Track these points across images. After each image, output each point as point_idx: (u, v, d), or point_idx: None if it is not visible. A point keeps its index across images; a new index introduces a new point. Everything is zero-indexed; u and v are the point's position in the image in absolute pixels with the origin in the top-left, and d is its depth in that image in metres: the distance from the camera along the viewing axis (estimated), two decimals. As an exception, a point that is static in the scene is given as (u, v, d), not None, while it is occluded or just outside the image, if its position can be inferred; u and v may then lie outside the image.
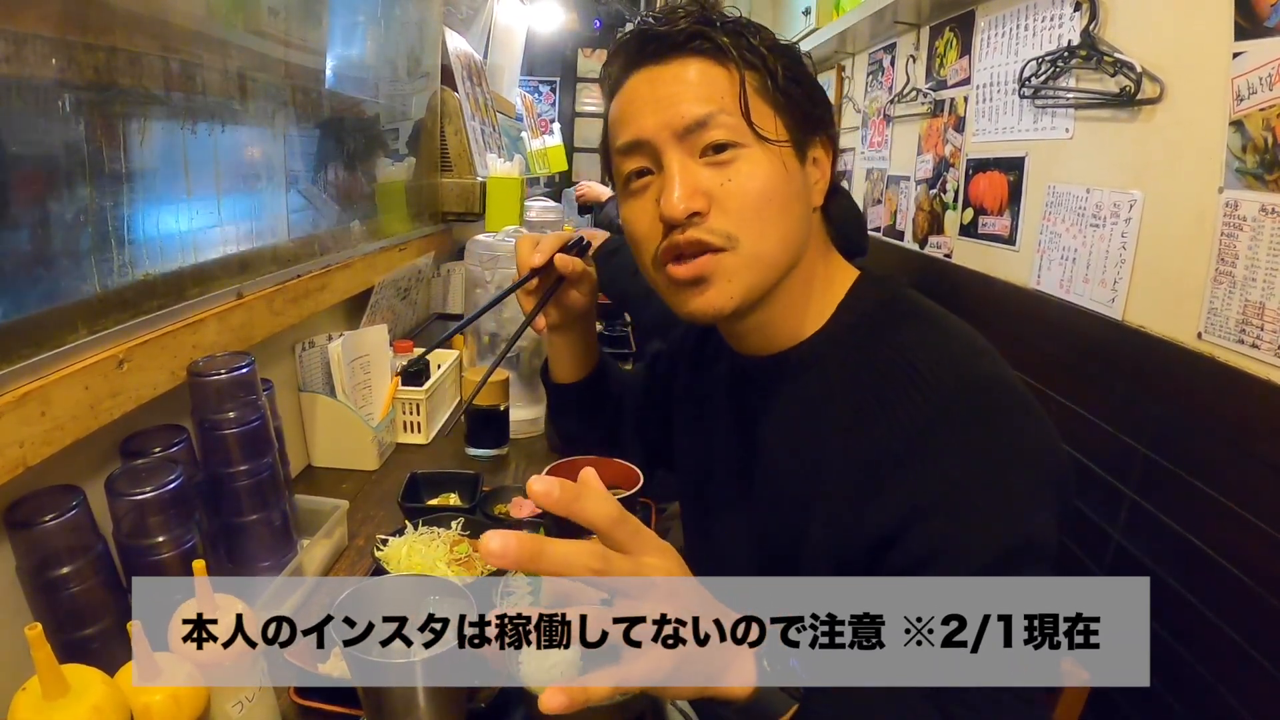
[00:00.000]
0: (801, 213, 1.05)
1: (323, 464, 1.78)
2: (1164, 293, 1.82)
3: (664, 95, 1.01)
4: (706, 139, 0.99)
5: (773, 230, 1.01)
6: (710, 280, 1.01)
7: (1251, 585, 1.51)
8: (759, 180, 0.99)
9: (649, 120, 1.01)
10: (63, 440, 0.99)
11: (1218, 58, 1.63)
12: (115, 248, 1.15)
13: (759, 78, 1.01)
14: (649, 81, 1.03)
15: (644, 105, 1.03)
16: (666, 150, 1.00)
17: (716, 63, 1.01)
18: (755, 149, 1.00)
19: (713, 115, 0.98)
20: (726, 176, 0.99)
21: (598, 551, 0.70)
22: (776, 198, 1.00)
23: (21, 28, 0.96)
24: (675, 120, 0.99)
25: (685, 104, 0.99)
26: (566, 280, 1.32)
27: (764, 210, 1.00)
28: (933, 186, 3.13)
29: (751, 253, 1.00)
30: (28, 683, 0.70)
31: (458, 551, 1.26)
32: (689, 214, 0.98)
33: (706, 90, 0.99)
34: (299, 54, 1.74)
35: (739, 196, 0.99)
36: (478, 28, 3.84)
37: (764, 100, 1.01)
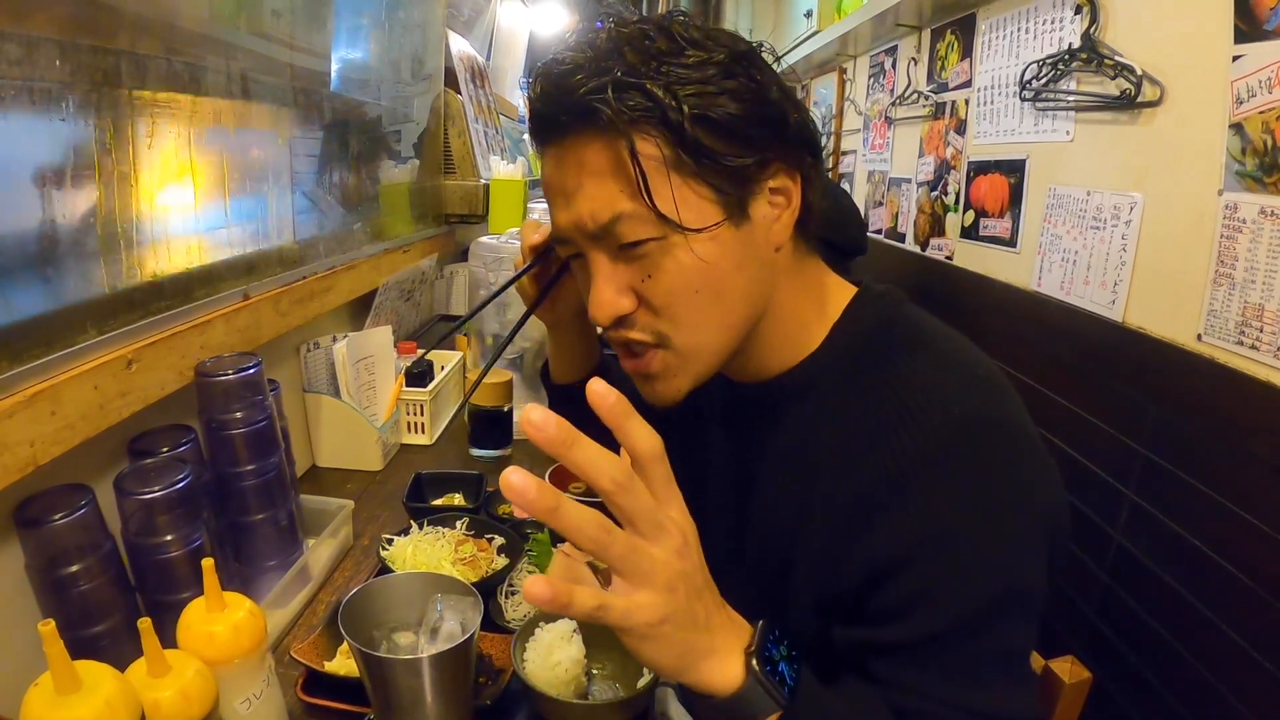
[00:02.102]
0: (749, 278, 0.95)
1: (328, 464, 1.79)
2: (1164, 294, 1.82)
3: (569, 188, 0.91)
4: (620, 237, 0.89)
5: (705, 320, 0.93)
6: (656, 377, 0.97)
7: (1251, 585, 1.51)
8: (680, 274, 0.90)
9: (561, 217, 0.94)
10: (72, 440, 1.00)
11: (1218, 61, 1.63)
12: (123, 249, 1.16)
13: (662, 141, 0.86)
14: (553, 166, 0.94)
15: (555, 196, 0.95)
16: (586, 249, 0.93)
17: (609, 141, 0.86)
18: (675, 236, 0.88)
19: (617, 217, 0.88)
20: (646, 271, 0.91)
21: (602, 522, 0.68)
22: (705, 286, 0.91)
23: (31, 31, 0.97)
24: (582, 224, 0.90)
25: (587, 205, 0.89)
26: (568, 270, 1.32)
27: (691, 302, 0.92)
28: (934, 189, 3.14)
29: (685, 348, 0.94)
30: (40, 678, 0.71)
31: (462, 551, 1.27)
32: (613, 320, 0.93)
33: (604, 185, 0.88)
34: (303, 56, 1.74)
35: (662, 294, 0.91)
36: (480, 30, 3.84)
37: (673, 171, 0.87)
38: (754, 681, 0.78)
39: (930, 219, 3.18)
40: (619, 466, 0.68)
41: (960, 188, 2.90)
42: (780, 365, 1.05)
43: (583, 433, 1.60)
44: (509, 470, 0.63)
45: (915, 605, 0.85)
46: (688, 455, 1.31)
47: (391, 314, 2.25)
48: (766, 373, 1.06)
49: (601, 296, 0.92)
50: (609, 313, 0.92)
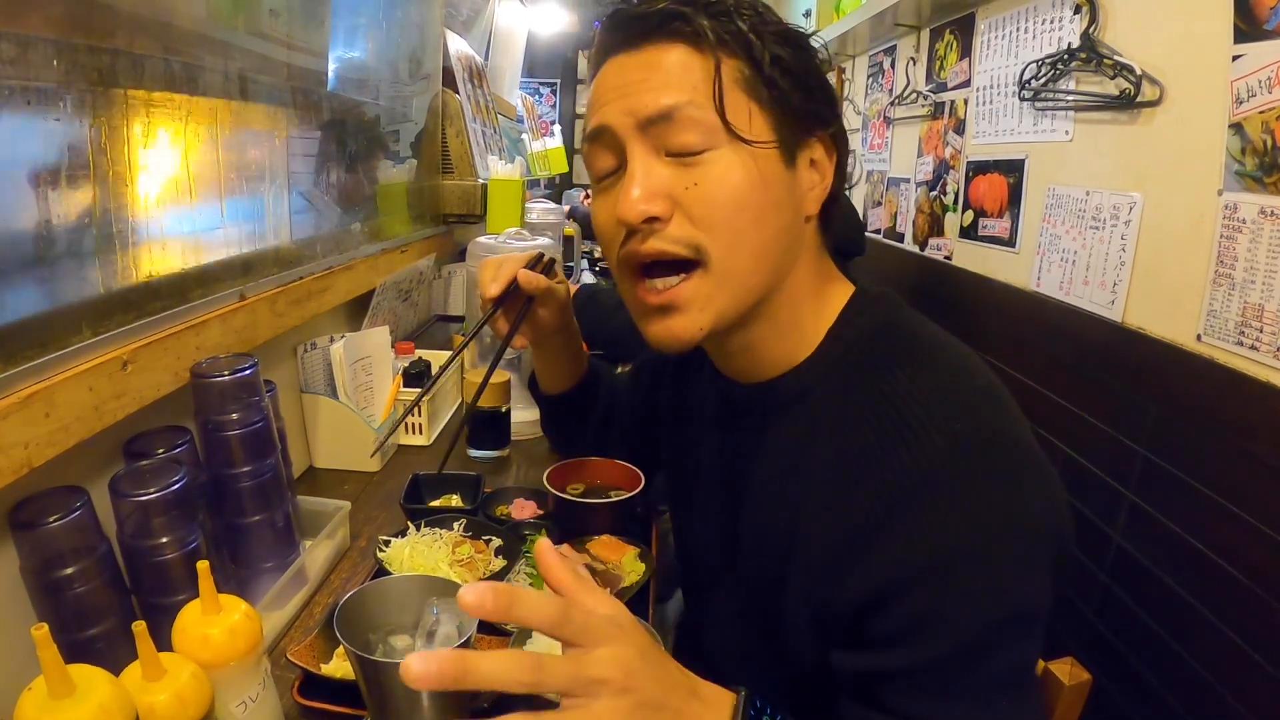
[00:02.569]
0: (784, 224, 0.95)
1: (325, 465, 1.78)
2: (1163, 295, 1.82)
3: (631, 82, 0.92)
4: (673, 136, 0.90)
5: (744, 244, 0.92)
6: (679, 309, 0.94)
7: (1251, 586, 1.51)
8: (730, 185, 0.90)
9: (613, 107, 0.93)
10: (67, 441, 1.00)
11: (1217, 60, 1.63)
12: (119, 249, 1.15)
13: (742, 67, 0.90)
14: (619, 68, 0.94)
15: (610, 92, 0.94)
16: (629, 142, 0.92)
17: (694, 49, 0.90)
18: (729, 149, 0.90)
19: (680, 107, 0.89)
20: (693, 179, 0.90)
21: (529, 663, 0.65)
22: (751, 206, 0.91)
23: (26, 30, 0.97)
24: (639, 108, 0.90)
25: (651, 92, 0.90)
26: (536, 299, 1.31)
27: (735, 219, 0.90)
28: (933, 189, 3.14)
29: (723, 268, 0.92)
30: (34, 682, 0.71)
31: (460, 553, 1.27)
32: (645, 218, 0.90)
33: (677, 78, 0.90)
34: (300, 56, 1.74)
35: (705, 203, 0.90)
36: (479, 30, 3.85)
37: (745, 93, 0.91)
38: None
39: (929, 219, 3.18)
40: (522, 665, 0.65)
41: (959, 188, 2.90)
42: (774, 366, 1.03)
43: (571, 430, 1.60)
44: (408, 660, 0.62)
45: (918, 631, 0.84)
46: (677, 453, 1.30)
47: (389, 314, 2.25)
48: (760, 373, 1.04)
49: (637, 190, 0.90)
50: (641, 209, 0.90)
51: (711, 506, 1.17)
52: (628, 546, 1.33)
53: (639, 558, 1.30)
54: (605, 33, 0.98)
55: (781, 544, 0.98)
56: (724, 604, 1.16)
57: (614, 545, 1.33)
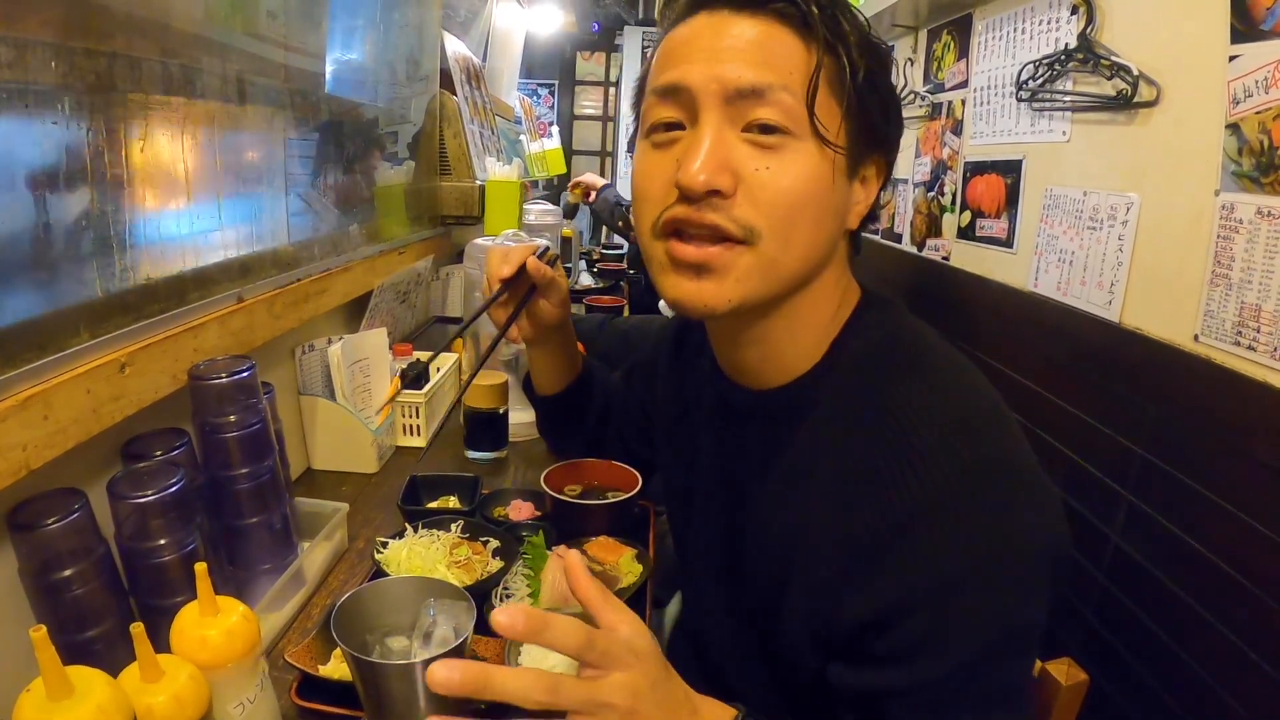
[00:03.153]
0: (832, 230, 0.95)
1: (323, 467, 1.78)
2: (1161, 295, 1.82)
3: (726, 47, 0.88)
4: (756, 114, 0.87)
5: (799, 238, 0.90)
6: (712, 272, 0.91)
7: (1249, 586, 1.51)
8: (801, 178, 0.88)
9: (699, 67, 0.89)
10: (65, 444, 1.00)
11: (1214, 60, 1.63)
12: (117, 252, 1.16)
13: (838, 68, 0.89)
14: (715, 26, 0.90)
15: (699, 50, 0.90)
16: (707, 107, 0.89)
17: (798, 35, 0.88)
18: (807, 143, 0.88)
19: (772, 88, 0.86)
20: (765, 163, 0.88)
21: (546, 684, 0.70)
22: (813, 204, 0.90)
23: (23, 33, 0.97)
24: (729, 77, 0.87)
25: (746, 65, 0.87)
26: (536, 291, 1.32)
27: (796, 213, 0.89)
28: (930, 189, 3.14)
29: (770, 256, 0.90)
30: (32, 684, 0.71)
31: (457, 554, 1.27)
32: (708, 189, 0.87)
33: (777, 59, 0.87)
34: (298, 57, 1.74)
35: (773, 189, 0.88)
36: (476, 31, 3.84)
37: (834, 94, 0.90)
38: None
39: (927, 219, 3.18)
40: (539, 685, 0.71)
41: (957, 188, 2.90)
42: (780, 370, 1.02)
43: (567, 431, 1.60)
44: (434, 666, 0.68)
45: (920, 651, 0.84)
46: (673, 451, 1.30)
47: (387, 316, 2.25)
48: (764, 377, 1.04)
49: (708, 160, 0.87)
50: (706, 180, 0.87)
51: (711, 507, 1.17)
52: (625, 548, 1.33)
53: (636, 559, 1.31)
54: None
55: (782, 552, 0.98)
56: (723, 605, 1.16)
57: (611, 546, 1.33)
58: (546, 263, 1.35)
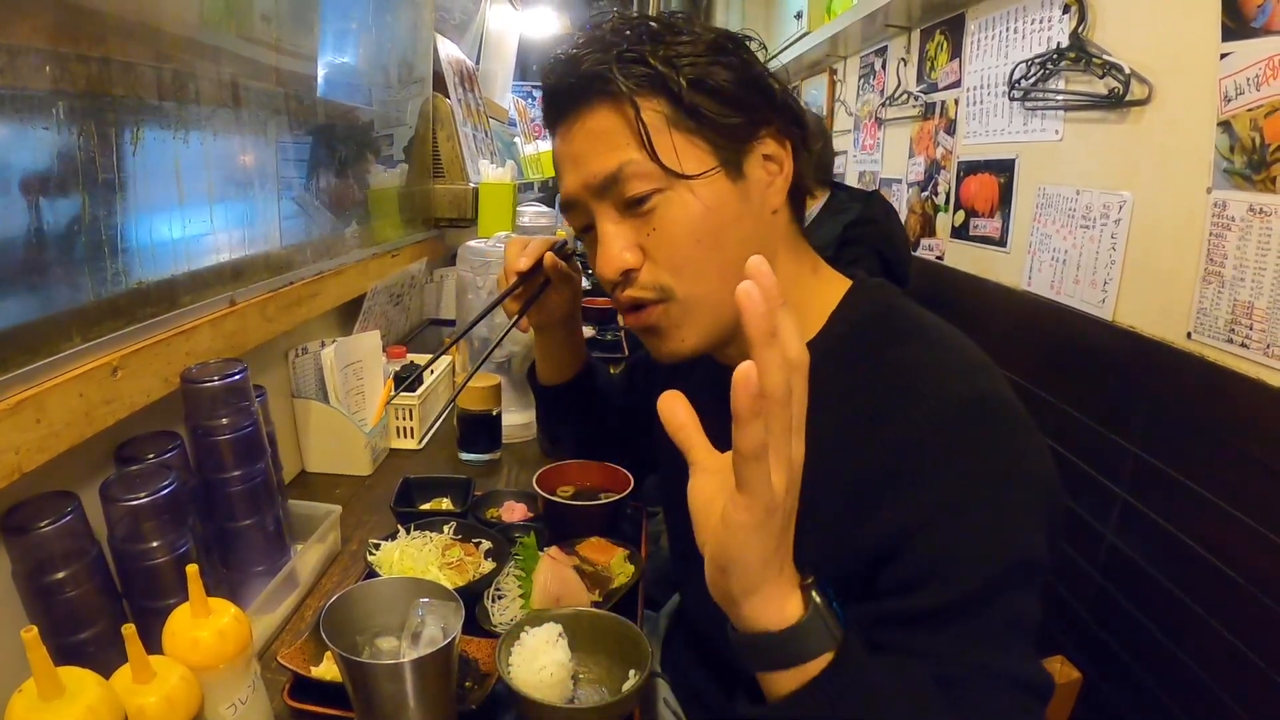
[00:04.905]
0: (746, 234, 1.00)
1: (316, 469, 1.78)
2: (1154, 293, 1.83)
3: (576, 153, 1.00)
4: (624, 192, 0.97)
5: (708, 270, 0.98)
6: (661, 330, 1.02)
7: (1242, 583, 1.51)
8: (681, 224, 0.96)
9: (570, 180, 1.02)
10: (58, 447, 1.00)
11: (1205, 58, 1.64)
12: (109, 256, 1.15)
13: (661, 106, 0.95)
14: (564, 140, 1.03)
15: (566, 162, 1.03)
16: (592, 208, 1.01)
17: (615, 106, 0.96)
18: (673, 190, 0.96)
19: (620, 168, 0.96)
20: (651, 226, 0.97)
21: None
22: (706, 235, 0.97)
23: (14, 39, 0.97)
24: (589, 179, 0.98)
25: (593, 161, 0.98)
26: (551, 284, 1.34)
27: (694, 253, 0.97)
28: (924, 189, 3.15)
29: (689, 298, 0.99)
30: (24, 684, 0.71)
31: (449, 555, 1.27)
32: (621, 273, 0.99)
33: (609, 141, 0.97)
34: (291, 60, 1.74)
35: (665, 246, 0.97)
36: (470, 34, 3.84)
37: (673, 130, 0.96)
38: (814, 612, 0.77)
39: (921, 219, 3.19)
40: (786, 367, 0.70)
41: (950, 188, 2.91)
42: None
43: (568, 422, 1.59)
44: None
45: (933, 573, 0.86)
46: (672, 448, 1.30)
47: (380, 318, 2.25)
48: None
49: (609, 252, 0.98)
50: (616, 266, 0.98)
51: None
52: (617, 548, 1.33)
53: (628, 559, 1.31)
54: (544, 110, 1.08)
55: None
56: None
57: (603, 547, 1.33)
58: (565, 256, 1.38)
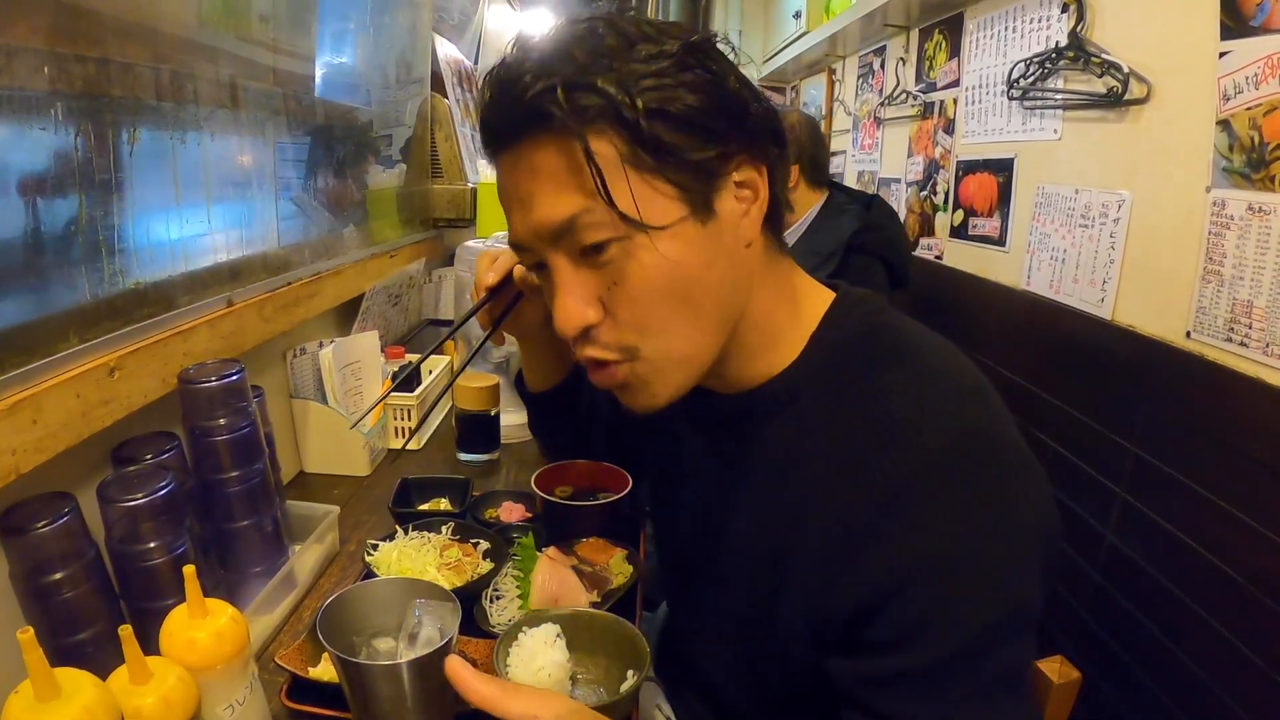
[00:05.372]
0: (720, 278, 0.90)
1: (315, 470, 1.78)
2: (1153, 292, 1.83)
3: (523, 194, 0.87)
4: (579, 241, 0.85)
5: (676, 327, 0.89)
6: (630, 388, 0.93)
7: (1242, 582, 1.51)
8: (646, 278, 0.86)
9: (518, 225, 0.90)
10: (55, 447, 1.00)
11: (1204, 57, 1.64)
12: (106, 257, 1.15)
13: (617, 139, 0.82)
14: (507, 173, 0.90)
15: (511, 204, 0.91)
16: (546, 255, 0.89)
17: (564, 142, 0.82)
18: (634, 241, 0.84)
19: (575, 216, 0.84)
20: (611, 279, 0.86)
21: None
22: (673, 290, 0.87)
23: (12, 39, 0.97)
24: (539, 228, 0.86)
25: (544, 206, 0.85)
26: (524, 296, 1.28)
27: (659, 309, 0.87)
28: (923, 188, 3.15)
29: (656, 357, 0.90)
30: (20, 685, 0.71)
31: (448, 556, 1.26)
32: (580, 330, 0.88)
33: (558, 183, 0.84)
34: (289, 61, 1.74)
35: (628, 303, 0.87)
36: (469, 34, 3.84)
37: (631, 168, 0.83)
38: None
39: (920, 219, 3.19)
40: None
41: (949, 187, 2.91)
42: (757, 375, 1.01)
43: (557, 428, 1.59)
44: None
45: (916, 633, 0.83)
46: (659, 458, 1.30)
47: (379, 319, 2.24)
48: (743, 383, 1.02)
49: (566, 307, 0.88)
50: (575, 323, 0.88)
51: (698, 513, 1.15)
52: (615, 548, 1.33)
53: (626, 559, 1.31)
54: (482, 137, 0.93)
55: (775, 552, 0.97)
56: (711, 611, 1.15)
57: (602, 547, 1.33)
58: None
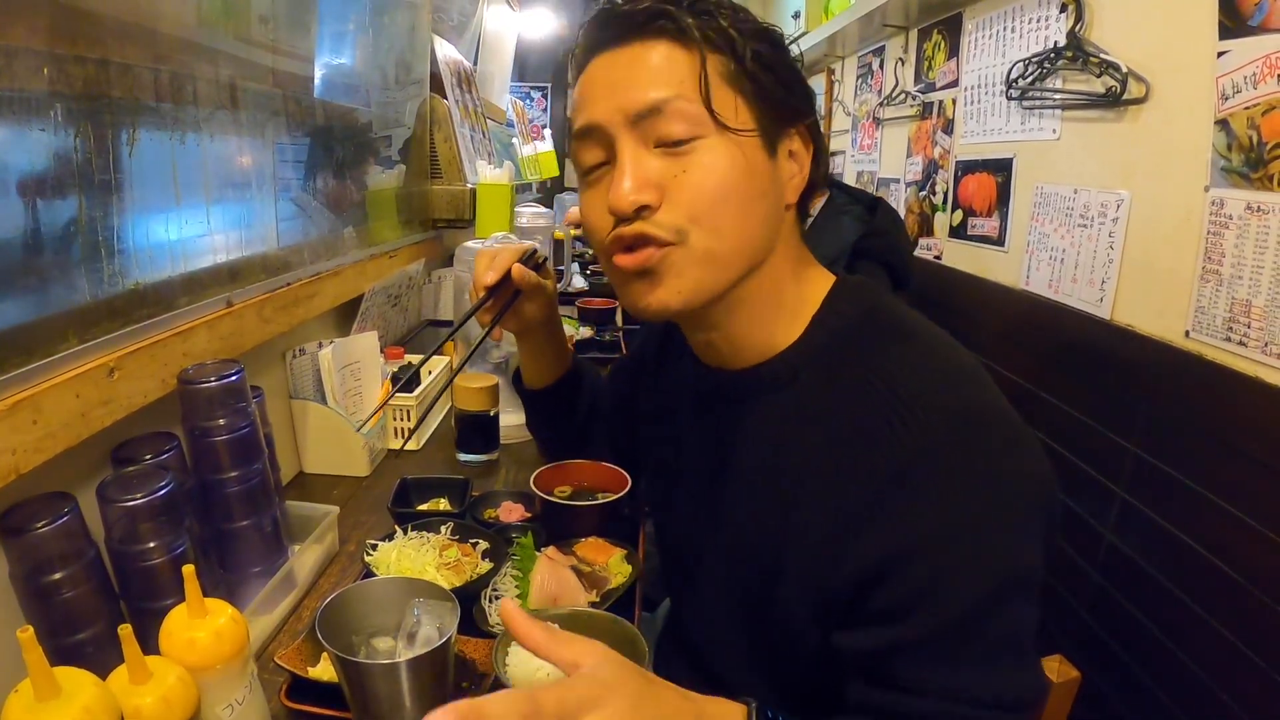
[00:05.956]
0: (767, 211, 0.98)
1: (314, 470, 1.78)
2: (1152, 292, 1.83)
3: (619, 79, 0.95)
4: (662, 128, 0.93)
5: (729, 226, 0.94)
6: (657, 275, 0.96)
7: (1241, 581, 1.51)
8: (717, 173, 0.93)
9: (602, 105, 0.96)
10: (54, 448, 1.00)
11: (1202, 57, 1.64)
12: (105, 257, 1.15)
13: (725, 61, 0.94)
14: (606, 65, 0.98)
15: (599, 89, 0.98)
16: (619, 137, 0.95)
17: (679, 45, 0.93)
18: (715, 139, 0.93)
19: (668, 101, 0.92)
20: (681, 167, 0.93)
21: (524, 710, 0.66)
22: (736, 192, 0.94)
23: (11, 40, 0.97)
24: (628, 105, 0.93)
25: (640, 88, 0.93)
26: (522, 294, 1.33)
27: (720, 205, 0.93)
28: (922, 189, 3.15)
29: (703, 248, 0.94)
30: (20, 685, 0.71)
31: (447, 556, 1.27)
32: (636, 207, 0.93)
33: (665, 74, 0.93)
34: (288, 61, 1.74)
35: (693, 189, 0.93)
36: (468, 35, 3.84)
37: (729, 86, 0.94)
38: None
39: (919, 219, 3.19)
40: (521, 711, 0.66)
41: (948, 187, 2.91)
42: (757, 351, 1.05)
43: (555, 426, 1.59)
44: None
45: (919, 601, 0.86)
46: (658, 450, 1.30)
47: (378, 319, 2.25)
48: (742, 359, 1.06)
49: (629, 182, 0.93)
50: (633, 199, 0.92)
51: (697, 499, 1.17)
52: (614, 548, 1.33)
53: (626, 559, 1.30)
54: (591, 31, 1.01)
55: (775, 531, 0.99)
56: (714, 596, 1.15)
57: (601, 547, 1.33)
58: (534, 265, 1.35)
